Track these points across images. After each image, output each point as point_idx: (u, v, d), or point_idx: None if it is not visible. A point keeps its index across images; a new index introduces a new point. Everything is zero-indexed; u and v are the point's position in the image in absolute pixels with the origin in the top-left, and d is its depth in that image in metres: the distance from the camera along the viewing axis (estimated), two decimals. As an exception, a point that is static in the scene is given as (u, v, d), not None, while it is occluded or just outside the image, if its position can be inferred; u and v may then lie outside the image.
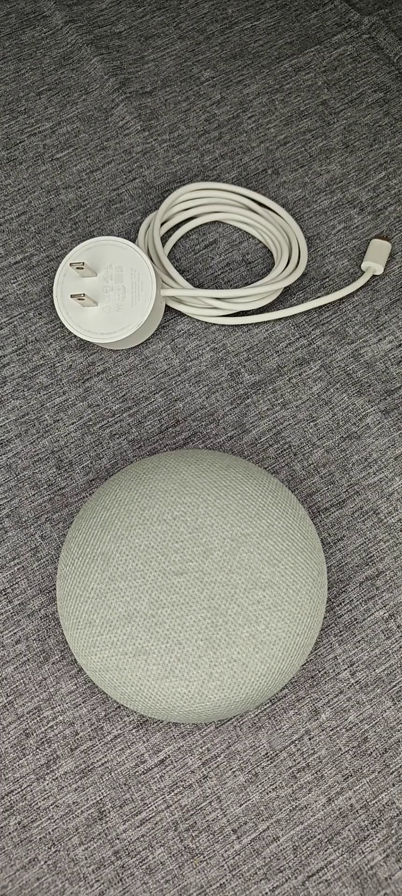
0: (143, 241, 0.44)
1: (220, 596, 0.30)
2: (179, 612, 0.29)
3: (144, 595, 0.30)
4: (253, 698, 0.30)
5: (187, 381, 0.41)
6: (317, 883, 0.30)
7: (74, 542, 0.32)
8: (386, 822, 0.31)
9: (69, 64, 0.53)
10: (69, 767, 0.32)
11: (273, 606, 0.30)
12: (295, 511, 0.32)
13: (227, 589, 0.30)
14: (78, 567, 0.31)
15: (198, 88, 0.51)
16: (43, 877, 0.30)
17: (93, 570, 0.30)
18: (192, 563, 0.30)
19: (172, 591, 0.30)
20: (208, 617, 0.29)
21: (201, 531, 0.31)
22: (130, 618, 0.29)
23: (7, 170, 0.48)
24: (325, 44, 0.53)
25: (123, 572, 0.30)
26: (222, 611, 0.29)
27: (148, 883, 0.30)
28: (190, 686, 0.29)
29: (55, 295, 0.39)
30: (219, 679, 0.29)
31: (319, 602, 0.31)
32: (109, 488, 0.33)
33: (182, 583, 0.30)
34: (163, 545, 0.30)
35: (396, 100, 0.50)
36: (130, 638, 0.29)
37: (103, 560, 0.30)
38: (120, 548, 0.30)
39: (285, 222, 0.45)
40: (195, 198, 0.46)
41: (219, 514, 0.31)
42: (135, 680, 0.29)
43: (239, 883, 0.30)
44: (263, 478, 0.33)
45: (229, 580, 0.30)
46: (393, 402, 0.40)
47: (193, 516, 0.31)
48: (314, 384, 0.41)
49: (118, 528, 0.31)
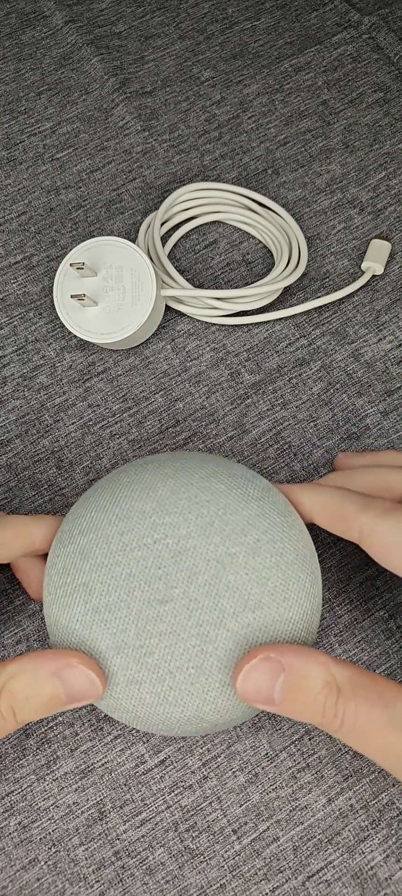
0: (143, 241, 0.44)
1: (208, 622, 0.28)
2: (168, 642, 0.28)
3: (131, 626, 0.28)
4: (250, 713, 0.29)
5: (187, 381, 0.41)
6: (317, 883, 0.30)
7: (54, 569, 0.30)
8: (386, 822, 0.31)
9: (69, 64, 0.53)
10: (69, 768, 0.32)
11: (264, 628, 0.28)
12: (284, 518, 0.30)
13: (215, 614, 0.28)
14: (61, 597, 0.29)
15: (198, 88, 0.51)
16: (43, 877, 0.30)
17: (76, 602, 0.29)
18: (177, 590, 0.28)
19: (159, 620, 0.28)
20: (198, 644, 0.28)
21: (184, 554, 0.29)
22: (119, 650, 0.28)
23: (7, 170, 0.48)
24: (325, 44, 0.53)
25: (106, 603, 0.29)
26: (212, 638, 0.28)
27: (148, 883, 0.30)
28: (185, 711, 0.28)
29: (55, 295, 0.39)
30: (214, 703, 0.28)
31: (312, 614, 0.30)
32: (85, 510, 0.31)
33: (168, 611, 0.28)
34: (145, 572, 0.29)
35: (396, 100, 0.50)
36: (120, 669, 0.28)
37: (85, 591, 0.29)
38: (101, 577, 0.29)
39: (285, 222, 0.45)
40: (195, 198, 0.46)
41: (201, 533, 0.29)
42: (129, 707, 0.29)
43: (239, 883, 0.30)
44: (248, 484, 0.31)
45: (216, 605, 0.28)
46: (393, 403, 0.40)
47: (175, 538, 0.29)
48: (314, 384, 0.41)
49: (97, 556, 0.29)
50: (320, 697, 0.26)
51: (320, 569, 0.31)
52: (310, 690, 0.26)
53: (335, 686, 0.26)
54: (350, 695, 0.26)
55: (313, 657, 0.26)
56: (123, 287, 0.39)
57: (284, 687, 0.26)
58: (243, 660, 0.27)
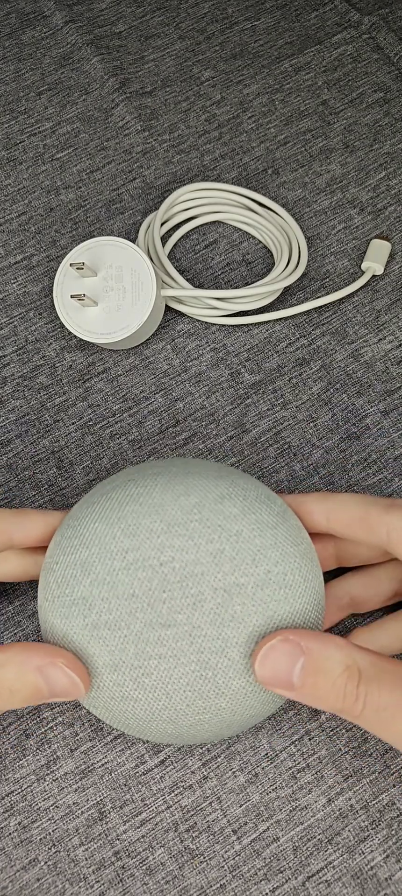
0: (143, 241, 0.44)
1: (210, 650, 0.27)
2: (167, 665, 0.28)
3: (130, 646, 0.28)
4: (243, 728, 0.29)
5: (188, 381, 0.41)
6: (317, 883, 0.30)
7: (51, 575, 0.29)
8: (387, 822, 0.31)
9: (69, 64, 0.53)
10: (69, 768, 0.32)
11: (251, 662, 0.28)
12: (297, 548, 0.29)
13: (217, 643, 0.27)
14: (58, 608, 0.29)
15: (198, 88, 0.51)
16: (43, 877, 0.30)
17: (74, 615, 0.28)
18: (180, 616, 0.28)
19: (160, 643, 0.28)
20: (197, 671, 0.28)
21: (191, 579, 0.28)
22: (116, 667, 0.28)
23: (7, 170, 0.48)
24: (325, 44, 0.53)
25: (106, 621, 0.28)
26: (212, 665, 0.27)
27: (148, 884, 0.30)
28: (178, 728, 0.28)
29: (55, 295, 0.39)
30: (207, 724, 0.28)
31: None
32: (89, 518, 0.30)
33: (170, 636, 0.28)
34: (149, 594, 0.28)
35: (396, 100, 0.50)
36: (116, 685, 0.28)
37: (85, 605, 0.28)
38: (102, 594, 0.28)
39: (285, 222, 0.45)
40: (195, 198, 0.46)
41: (211, 560, 0.28)
42: (122, 720, 0.29)
43: (239, 883, 0.30)
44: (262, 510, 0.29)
45: (220, 634, 0.27)
46: (393, 403, 0.40)
47: (182, 563, 0.28)
48: (314, 384, 0.41)
49: (99, 572, 0.28)
50: (341, 681, 0.26)
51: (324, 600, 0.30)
52: (330, 674, 0.26)
53: (357, 670, 0.26)
54: (373, 678, 0.26)
55: (334, 641, 0.26)
56: (123, 287, 0.39)
57: (303, 670, 0.26)
58: (261, 643, 0.27)
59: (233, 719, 0.28)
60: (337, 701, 0.26)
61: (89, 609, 0.28)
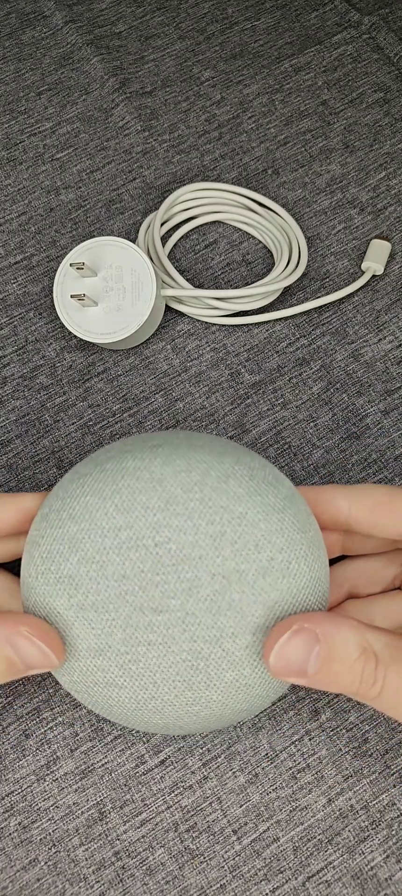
0: (143, 241, 0.44)
1: (203, 639, 0.26)
2: (156, 653, 0.26)
3: (118, 630, 0.26)
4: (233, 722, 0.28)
5: (188, 381, 0.41)
6: (317, 884, 0.30)
7: (37, 551, 0.27)
8: (387, 822, 0.31)
9: (69, 64, 0.53)
10: (69, 768, 0.32)
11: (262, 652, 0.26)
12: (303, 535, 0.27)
13: (212, 632, 0.26)
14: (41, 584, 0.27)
15: (198, 88, 0.51)
16: (43, 877, 0.30)
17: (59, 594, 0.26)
18: (174, 601, 0.26)
19: (150, 629, 0.26)
20: (188, 660, 0.26)
21: (188, 563, 0.26)
22: (101, 652, 0.26)
23: (7, 170, 0.48)
24: (325, 44, 0.53)
25: (93, 602, 0.26)
26: (205, 655, 0.26)
27: (148, 884, 0.30)
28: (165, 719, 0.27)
29: (55, 295, 0.39)
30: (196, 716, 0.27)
31: None
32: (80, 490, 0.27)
33: (162, 621, 0.26)
34: (141, 577, 0.26)
35: (396, 100, 0.50)
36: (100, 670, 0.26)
37: (71, 584, 0.26)
38: (90, 573, 0.26)
39: (285, 222, 0.45)
40: (195, 198, 0.46)
41: (211, 543, 0.26)
42: (106, 706, 0.27)
43: (239, 884, 0.30)
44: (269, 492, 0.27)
45: (215, 623, 0.26)
46: (393, 403, 0.40)
47: (179, 544, 0.26)
48: (314, 384, 0.41)
49: (88, 549, 0.26)
50: (358, 665, 0.25)
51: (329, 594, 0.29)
52: (346, 658, 0.25)
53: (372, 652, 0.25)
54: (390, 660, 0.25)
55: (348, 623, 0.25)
56: (123, 287, 0.39)
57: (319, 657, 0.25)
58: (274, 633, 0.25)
59: (223, 713, 0.27)
60: (353, 685, 0.25)
61: (76, 589, 0.26)
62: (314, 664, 0.25)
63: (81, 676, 0.27)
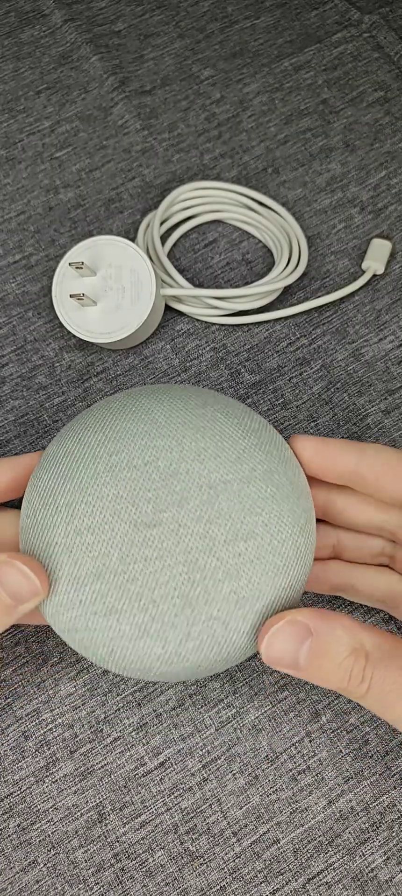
0: (142, 240, 0.44)
1: (197, 549, 0.27)
2: (153, 568, 0.27)
3: (115, 550, 0.27)
4: (234, 657, 0.28)
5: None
6: (318, 885, 0.30)
7: (35, 491, 0.29)
8: (387, 824, 0.31)
9: (68, 63, 0.53)
10: (69, 770, 0.32)
11: (256, 559, 0.27)
12: (280, 452, 0.29)
13: (205, 541, 0.27)
14: (40, 519, 0.28)
15: (198, 87, 0.51)
16: (42, 879, 0.30)
17: (57, 523, 0.27)
18: (166, 514, 0.27)
19: (145, 544, 0.27)
20: (185, 572, 0.27)
21: (176, 478, 0.28)
22: (99, 575, 0.27)
23: (6, 169, 0.48)
24: (325, 42, 0.53)
25: (89, 525, 0.27)
26: (200, 565, 0.27)
27: (148, 886, 0.30)
28: (166, 646, 0.27)
29: (54, 295, 0.39)
30: (198, 639, 0.27)
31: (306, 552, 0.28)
32: (72, 430, 0.30)
33: (156, 535, 0.27)
34: (133, 495, 0.27)
35: (396, 99, 0.50)
36: (99, 596, 0.27)
37: (68, 511, 0.27)
38: (86, 498, 0.27)
39: (286, 221, 0.45)
40: (195, 197, 0.45)
41: (195, 458, 0.28)
42: (106, 641, 0.27)
43: (239, 885, 0.30)
44: (245, 416, 0.30)
45: (207, 532, 0.27)
46: (394, 402, 0.40)
47: (167, 461, 0.28)
48: (315, 384, 0.41)
49: (83, 477, 0.28)
50: (347, 663, 0.26)
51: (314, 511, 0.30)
52: (336, 656, 0.26)
53: (363, 652, 0.26)
54: (379, 660, 0.26)
55: (340, 621, 0.26)
56: (123, 286, 0.39)
57: (310, 652, 0.26)
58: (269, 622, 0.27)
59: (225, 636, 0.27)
60: (342, 682, 0.26)
61: (72, 515, 0.27)
62: (305, 657, 0.26)
63: (80, 610, 0.27)
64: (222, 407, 0.30)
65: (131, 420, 0.29)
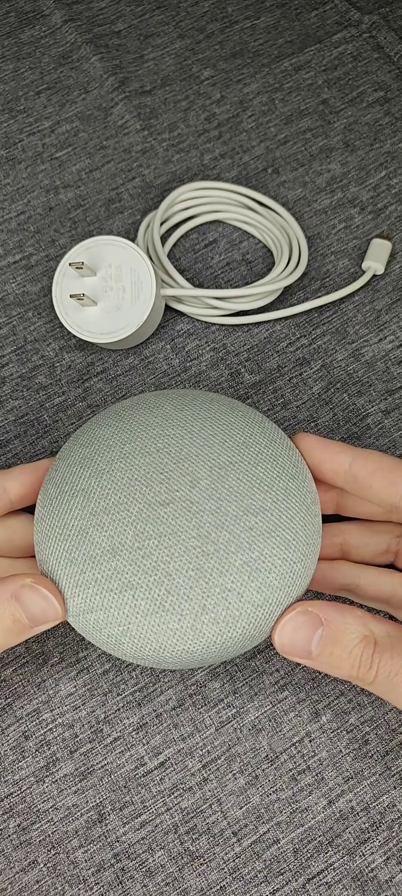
0: (142, 240, 0.44)
1: (210, 524, 0.28)
2: (167, 542, 0.27)
3: (129, 528, 0.28)
4: (250, 634, 0.28)
5: (187, 381, 0.41)
6: (318, 885, 0.30)
7: (51, 482, 0.30)
8: (387, 824, 0.31)
9: (68, 63, 0.53)
10: (69, 770, 0.32)
11: (267, 532, 0.28)
12: (283, 441, 0.31)
13: (217, 517, 0.28)
14: (56, 506, 0.29)
15: (198, 87, 0.51)
16: (42, 879, 0.30)
17: (73, 507, 0.29)
18: (178, 493, 0.28)
19: (159, 521, 0.28)
20: (198, 546, 0.27)
21: (187, 461, 0.29)
22: (115, 552, 0.27)
23: (6, 169, 0.48)
24: (325, 42, 0.53)
25: (105, 506, 0.28)
26: (213, 539, 0.28)
27: (148, 886, 0.30)
28: (182, 620, 0.27)
29: (54, 295, 0.39)
30: (213, 611, 0.27)
31: (314, 530, 0.29)
32: (87, 429, 0.31)
33: (169, 513, 0.28)
34: (147, 477, 0.29)
35: (396, 99, 0.50)
36: (115, 573, 0.27)
37: (84, 496, 0.29)
38: (101, 482, 0.29)
39: (286, 222, 0.45)
40: (195, 197, 0.45)
41: (204, 443, 0.30)
42: (122, 618, 0.27)
43: (239, 885, 0.30)
44: (248, 410, 0.32)
45: (218, 507, 0.28)
46: (394, 402, 0.40)
47: (178, 447, 0.29)
48: (315, 384, 0.41)
49: (99, 464, 0.29)
50: (357, 651, 0.27)
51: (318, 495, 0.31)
52: (347, 644, 0.27)
53: (373, 639, 0.27)
54: (387, 647, 0.27)
55: (351, 612, 0.27)
56: (123, 286, 0.39)
57: (322, 640, 0.27)
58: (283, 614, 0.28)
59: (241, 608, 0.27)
60: (352, 669, 0.27)
61: (88, 499, 0.29)
62: (317, 645, 0.27)
63: (96, 588, 0.27)
64: (226, 403, 0.32)
65: (143, 414, 0.31)
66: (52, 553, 0.28)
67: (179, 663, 0.28)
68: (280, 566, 0.28)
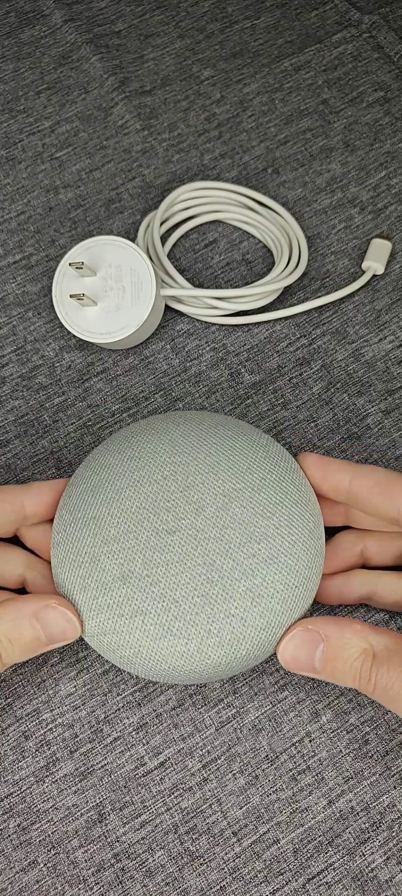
0: (142, 240, 0.44)
1: (214, 552, 0.29)
2: (174, 571, 0.29)
3: (138, 556, 0.29)
4: (254, 654, 0.29)
5: (187, 381, 0.41)
6: (317, 885, 0.30)
7: (65, 508, 0.31)
8: (387, 824, 0.31)
9: (68, 63, 0.53)
10: (69, 770, 0.32)
11: (269, 559, 0.29)
12: (287, 464, 0.32)
13: (221, 544, 0.29)
14: (70, 533, 0.31)
15: (198, 87, 0.51)
16: (42, 879, 0.30)
17: (85, 535, 0.30)
18: (184, 521, 0.30)
19: (166, 549, 0.29)
20: (204, 573, 0.29)
21: (193, 489, 0.30)
22: (125, 579, 0.29)
23: (6, 169, 0.48)
24: (325, 42, 0.53)
25: (115, 535, 0.30)
26: (218, 566, 0.29)
27: (148, 886, 0.30)
28: (189, 644, 0.29)
29: (54, 295, 0.39)
30: (218, 635, 0.29)
31: (316, 554, 0.30)
32: (99, 454, 0.33)
33: (176, 541, 0.29)
34: (154, 505, 0.30)
35: (396, 99, 0.50)
36: (125, 599, 0.29)
37: (95, 524, 0.30)
38: (111, 511, 0.30)
39: (286, 222, 0.45)
40: (195, 197, 0.45)
41: (210, 471, 0.31)
42: (133, 641, 0.29)
43: (239, 885, 0.30)
44: (253, 433, 0.33)
45: (222, 535, 0.29)
46: (394, 403, 0.40)
47: (184, 475, 0.31)
48: (315, 384, 0.41)
49: (109, 492, 0.31)
50: (357, 664, 0.28)
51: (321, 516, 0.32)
52: (347, 658, 0.28)
53: (371, 653, 0.28)
54: (384, 661, 0.28)
55: (350, 627, 0.29)
56: (123, 287, 0.39)
57: (323, 656, 0.29)
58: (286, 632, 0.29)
59: (244, 632, 0.29)
60: (354, 681, 0.29)
61: (99, 527, 0.30)
62: (319, 660, 0.29)
63: (108, 614, 0.29)
64: (232, 427, 0.33)
65: (151, 441, 0.32)
66: (67, 578, 0.30)
67: (187, 680, 0.30)
68: (282, 591, 0.29)
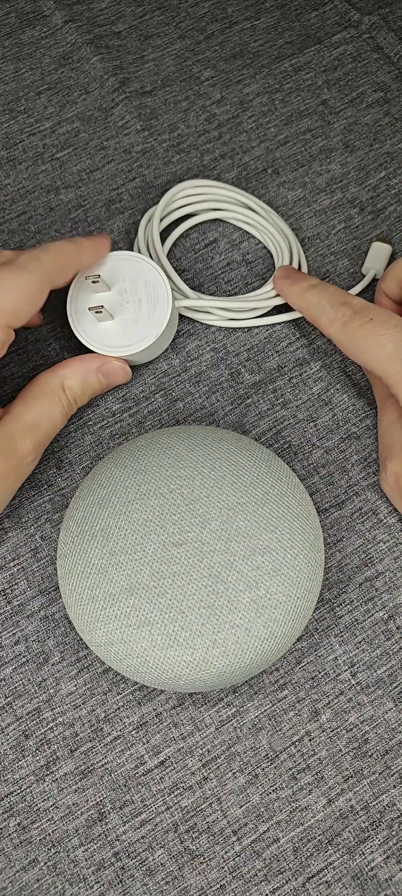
0: (142, 238, 0.44)
1: (219, 564, 0.30)
2: (181, 582, 0.30)
3: (145, 567, 0.30)
4: (257, 663, 0.30)
5: (187, 381, 0.41)
6: (317, 884, 0.30)
7: (72, 520, 0.32)
8: (387, 823, 0.31)
9: (69, 63, 0.53)
10: (69, 769, 0.32)
11: (273, 571, 0.30)
12: (289, 479, 0.33)
13: (226, 557, 0.30)
14: (78, 545, 0.31)
15: (198, 88, 0.51)
16: (43, 878, 0.30)
17: (93, 547, 0.31)
18: (190, 534, 0.31)
19: (173, 562, 0.30)
20: (209, 585, 0.30)
21: (198, 502, 0.31)
22: (132, 590, 0.30)
23: (6, 169, 0.48)
24: (325, 43, 0.53)
25: (123, 547, 0.30)
26: (223, 578, 0.30)
27: (148, 884, 0.30)
28: (195, 654, 0.29)
29: (69, 310, 0.39)
30: (223, 646, 0.29)
31: (316, 566, 0.31)
32: (105, 467, 0.33)
33: (182, 553, 0.30)
34: (161, 518, 0.31)
35: (396, 99, 0.50)
36: (133, 610, 0.30)
37: (103, 536, 0.31)
38: (119, 523, 0.31)
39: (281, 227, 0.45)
40: (195, 194, 0.45)
41: (214, 485, 0.32)
42: (140, 651, 0.29)
43: (239, 884, 0.30)
44: (256, 449, 0.33)
45: (227, 548, 0.30)
46: (394, 403, 0.40)
47: (189, 489, 0.32)
48: (315, 384, 0.41)
49: (116, 505, 0.32)
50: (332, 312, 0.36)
51: (321, 530, 0.33)
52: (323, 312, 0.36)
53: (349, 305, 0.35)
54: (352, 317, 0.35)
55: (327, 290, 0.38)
56: (139, 299, 0.39)
57: None
58: None
59: (248, 641, 0.29)
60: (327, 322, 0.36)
61: (107, 539, 0.31)
62: None
63: (116, 624, 0.30)
64: (235, 442, 0.34)
65: (156, 455, 0.33)
66: (75, 589, 0.31)
67: (192, 688, 0.30)
68: (285, 602, 0.30)
